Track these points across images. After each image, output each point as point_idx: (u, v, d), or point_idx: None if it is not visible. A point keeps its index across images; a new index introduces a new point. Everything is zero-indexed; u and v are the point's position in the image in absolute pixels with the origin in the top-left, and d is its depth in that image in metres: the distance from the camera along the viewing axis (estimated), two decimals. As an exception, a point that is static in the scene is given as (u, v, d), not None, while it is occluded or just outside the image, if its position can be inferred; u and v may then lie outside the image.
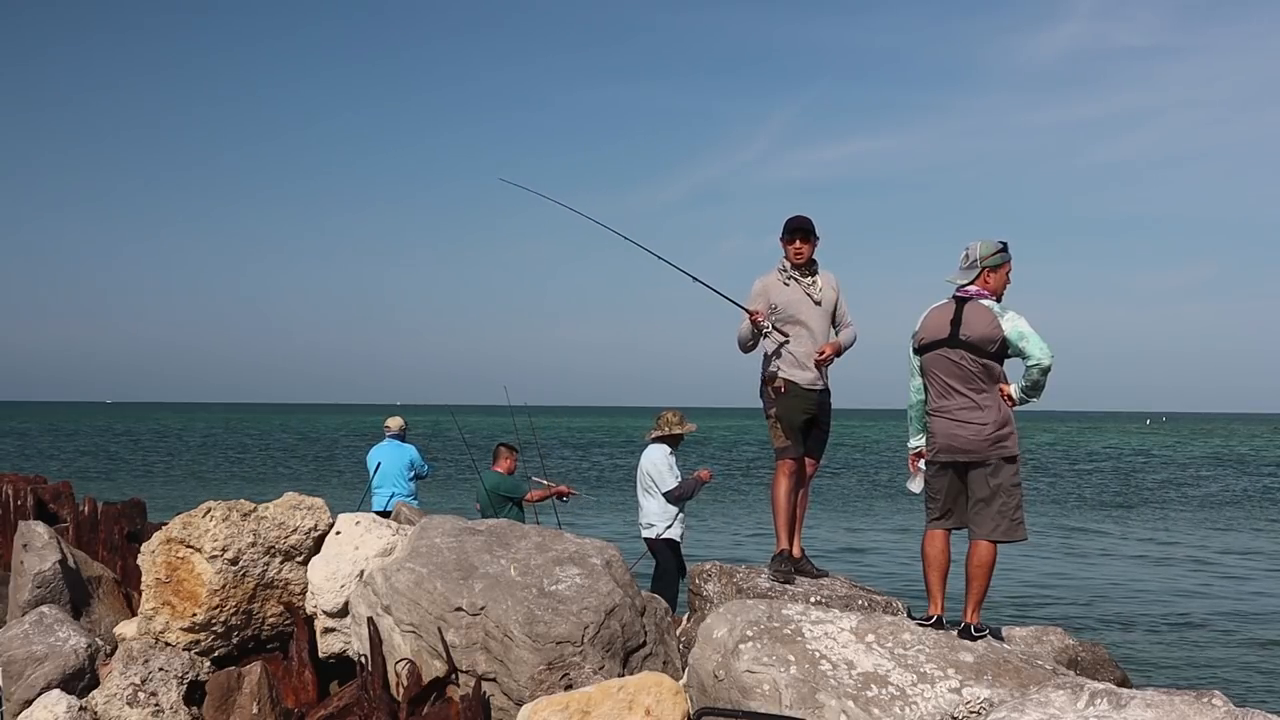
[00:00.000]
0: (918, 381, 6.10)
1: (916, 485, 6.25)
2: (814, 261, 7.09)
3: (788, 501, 7.12)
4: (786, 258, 7.07)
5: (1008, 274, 6.08)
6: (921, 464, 6.18)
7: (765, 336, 7.03)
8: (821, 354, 6.96)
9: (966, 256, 5.99)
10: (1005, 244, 6.07)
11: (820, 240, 7.10)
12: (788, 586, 6.96)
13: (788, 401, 7.02)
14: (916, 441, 6.21)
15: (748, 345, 7.12)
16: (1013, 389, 5.97)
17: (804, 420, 7.04)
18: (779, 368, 7.04)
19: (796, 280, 7.01)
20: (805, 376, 7.02)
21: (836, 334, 7.16)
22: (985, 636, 5.71)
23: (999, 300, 6.01)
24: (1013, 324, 5.86)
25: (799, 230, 7.01)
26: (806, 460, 7.14)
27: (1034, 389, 5.95)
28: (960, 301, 5.96)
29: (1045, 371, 5.90)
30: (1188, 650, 12.90)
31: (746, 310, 7.00)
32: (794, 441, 7.02)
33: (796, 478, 7.12)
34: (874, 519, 26.43)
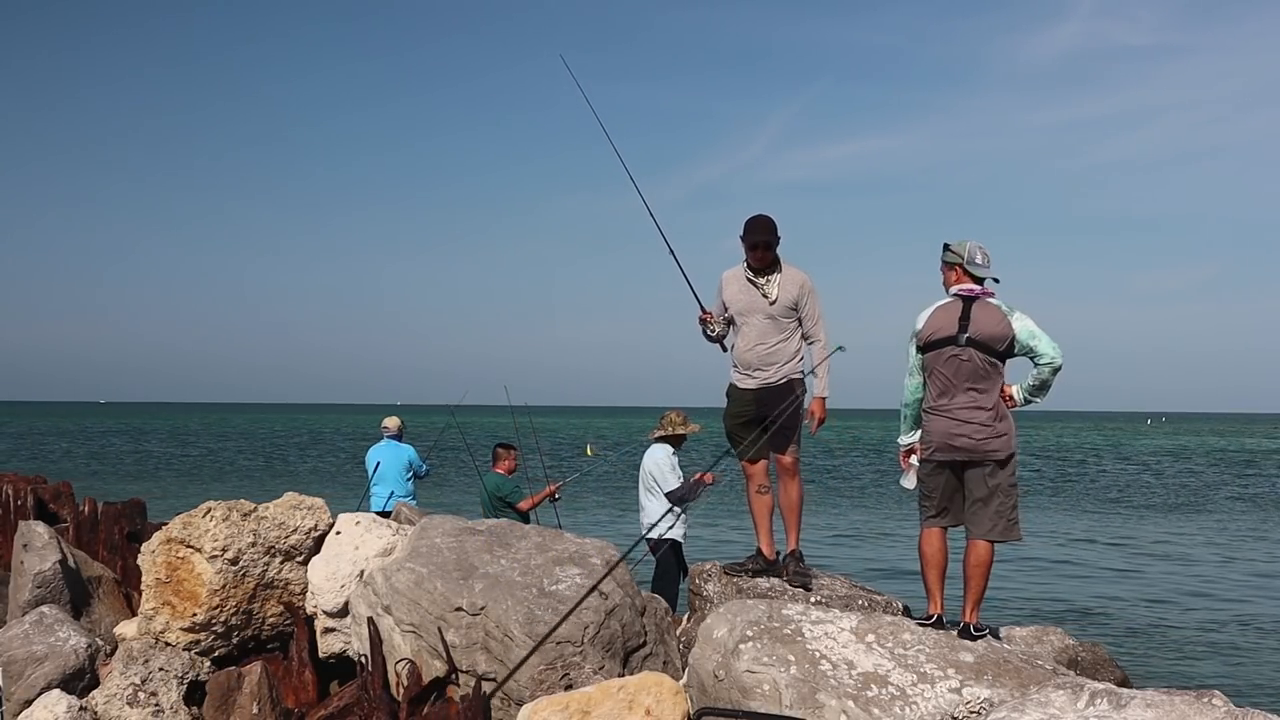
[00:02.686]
0: (917, 379, 6.06)
1: (910, 481, 6.23)
2: (776, 261, 6.97)
3: (757, 501, 7.17)
4: (747, 258, 7.00)
5: None
6: (914, 460, 6.16)
7: (710, 338, 7.11)
8: (815, 424, 6.90)
9: (986, 255, 5.99)
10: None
11: (780, 239, 6.94)
12: (787, 587, 6.97)
13: (728, 407, 7.10)
14: (909, 439, 6.18)
15: (711, 341, 7.16)
16: (1014, 390, 5.97)
17: (742, 423, 7.02)
18: (730, 372, 7.10)
19: (752, 280, 6.94)
20: (739, 377, 7.03)
21: (809, 342, 7.02)
22: (985, 636, 5.71)
23: None
24: (1023, 323, 5.86)
25: (762, 244, 6.88)
26: (775, 456, 7.02)
27: (1042, 389, 5.95)
28: (968, 300, 5.94)
29: (1056, 371, 5.90)
30: (1188, 650, 12.89)
31: (702, 307, 7.12)
32: (741, 448, 7.04)
33: (758, 479, 7.12)
34: (871, 518, 26.42)
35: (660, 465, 9.45)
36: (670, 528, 9.39)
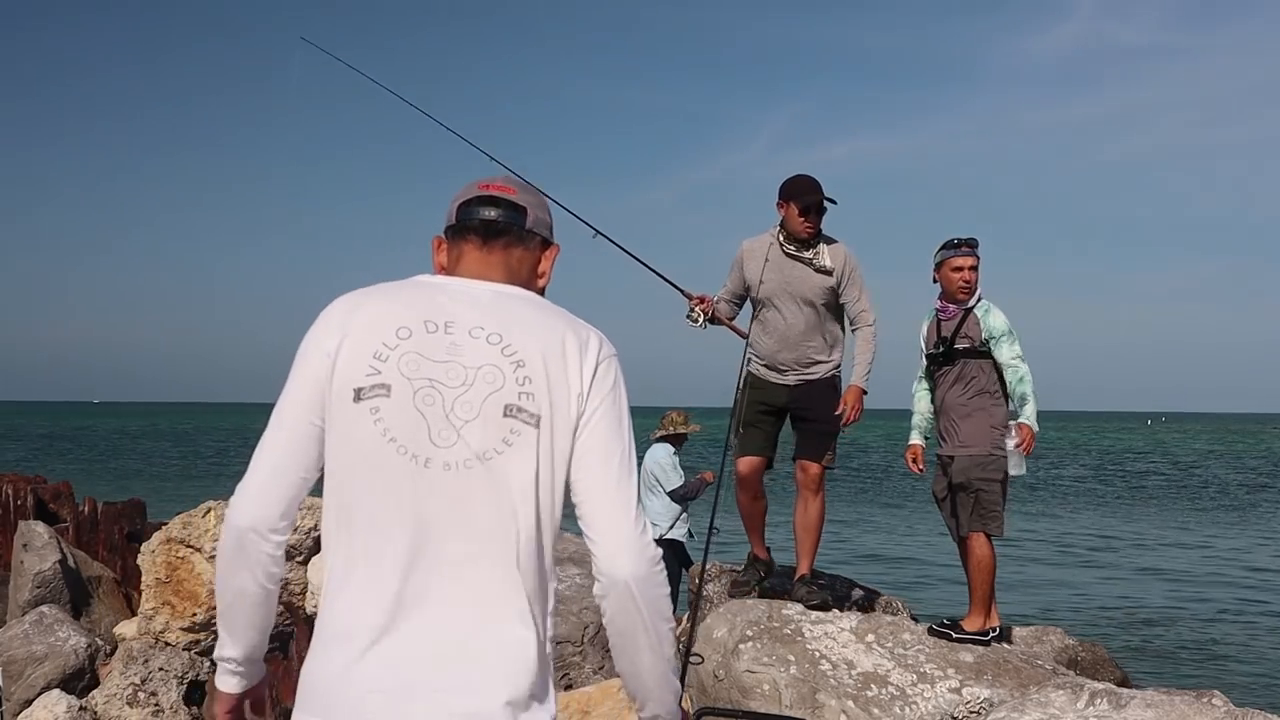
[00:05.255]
0: None
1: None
2: (820, 231, 5.76)
3: (750, 507, 6.21)
4: (786, 226, 5.76)
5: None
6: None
7: (695, 323, 5.86)
8: (850, 414, 5.87)
9: None
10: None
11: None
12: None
13: (748, 394, 5.85)
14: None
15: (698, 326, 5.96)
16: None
17: (762, 413, 5.95)
18: (749, 356, 5.92)
19: (795, 255, 5.76)
20: (771, 374, 5.95)
21: (853, 328, 5.97)
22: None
23: None
24: None
25: (816, 205, 5.63)
26: (798, 463, 6.02)
27: None
28: None
29: None
30: (1188, 650, 12.89)
31: (686, 295, 5.89)
32: (743, 438, 5.94)
33: (751, 485, 6.12)
34: (873, 520, 26.42)
35: (662, 465, 9.47)
36: (672, 527, 9.41)
